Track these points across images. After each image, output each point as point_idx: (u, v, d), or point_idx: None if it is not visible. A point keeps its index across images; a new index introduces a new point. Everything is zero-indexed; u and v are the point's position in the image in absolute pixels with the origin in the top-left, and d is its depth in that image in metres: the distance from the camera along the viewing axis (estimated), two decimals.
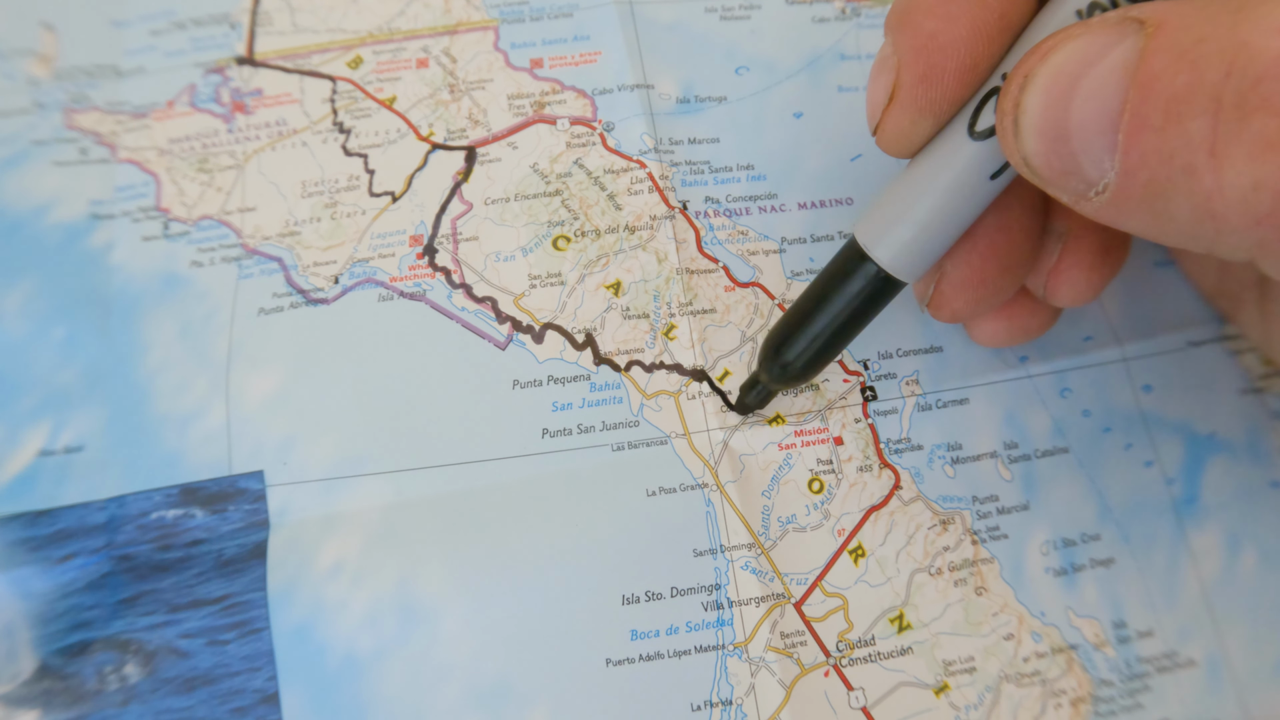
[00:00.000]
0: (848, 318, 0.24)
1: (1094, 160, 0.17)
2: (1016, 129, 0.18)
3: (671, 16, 0.33)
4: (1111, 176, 0.17)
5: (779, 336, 0.25)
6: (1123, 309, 0.30)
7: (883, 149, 0.23)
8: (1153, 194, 0.17)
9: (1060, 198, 0.19)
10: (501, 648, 0.25)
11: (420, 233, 0.29)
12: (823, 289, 0.24)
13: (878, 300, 0.24)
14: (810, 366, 0.25)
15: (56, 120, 0.30)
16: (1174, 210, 0.17)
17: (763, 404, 0.27)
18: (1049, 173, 0.18)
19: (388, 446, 0.26)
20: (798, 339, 0.24)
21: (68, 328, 0.28)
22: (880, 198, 0.23)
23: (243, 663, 0.24)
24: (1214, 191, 0.16)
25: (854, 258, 0.23)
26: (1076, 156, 0.18)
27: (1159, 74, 0.16)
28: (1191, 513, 0.28)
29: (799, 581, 0.26)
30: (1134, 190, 0.17)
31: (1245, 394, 0.30)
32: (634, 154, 0.30)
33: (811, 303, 0.24)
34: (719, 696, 0.25)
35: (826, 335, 0.24)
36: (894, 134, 0.22)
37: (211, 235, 0.29)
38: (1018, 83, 0.18)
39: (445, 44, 0.32)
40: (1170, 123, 0.16)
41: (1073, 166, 0.18)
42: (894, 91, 0.21)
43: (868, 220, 0.23)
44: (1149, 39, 0.16)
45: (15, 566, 0.25)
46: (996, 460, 0.28)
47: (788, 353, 0.25)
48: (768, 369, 0.25)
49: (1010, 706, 0.26)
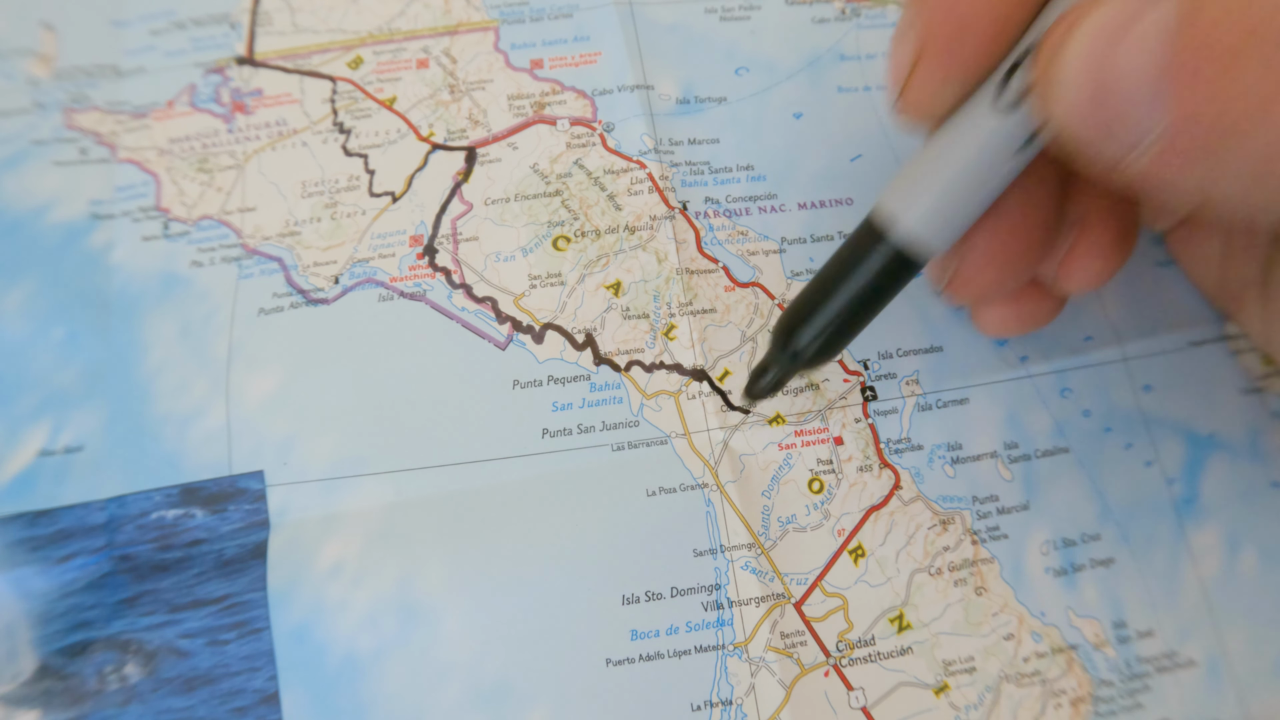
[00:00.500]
0: (864, 300, 0.23)
1: (1143, 111, 0.17)
2: (1055, 90, 0.18)
3: (671, 17, 0.33)
4: (1161, 129, 0.17)
5: (792, 320, 0.24)
6: (1123, 309, 0.30)
7: (904, 118, 0.22)
8: (1214, 139, 0.16)
9: (1095, 165, 0.18)
10: (501, 648, 0.25)
11: (420, 233, 0.29)
12: (838, 270, 0.23)
13: (896, 281, 0.23)
14: (824, 351, 0.24)
15: (56, 120, 0.30)
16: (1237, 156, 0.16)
17: (773, 391, 0.26)
18: (1090, 133, 0.18)
19: (388, 446, 0.26)
20: (811, 322, 0.24)
21: (68, 327, 0.28)
22: (898, 176, 0.22)
23: (243, 663, 0.24)
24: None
25: (871, 236, 0.23)
26: (1122, 111, 0.17)
27: (1216, 14, 0.16)
28: (1192, 512, 0.28)
29: (799, 581, 0.26)
30: (1191, 138, 0.16)
31: (1246, 394, 0.30)
32: (634, 154, 0.30)
33: (826, 284, 0.23)
34: (719, 696, 0.25)
35: (842, 318, 0.23)
36: (918, 99, 0.21)
37: (212, 235, 0.29)
38: (1055, 40, 0.18)
39: (445, 44, 0.32)
40: (1236, 62, 0.15)
41: (1117, 123, 0.17)
42: (919, 55, 0.20)
43: (886, 198, 0.22)
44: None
45: (15, 566, 0.25)
46: (996, 460, 0.28)
47: (801, 337, 0.24)
48: (779, 354, 0.24)
49: (1010, 706, 0.26)
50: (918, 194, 0.22)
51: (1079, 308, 0.30)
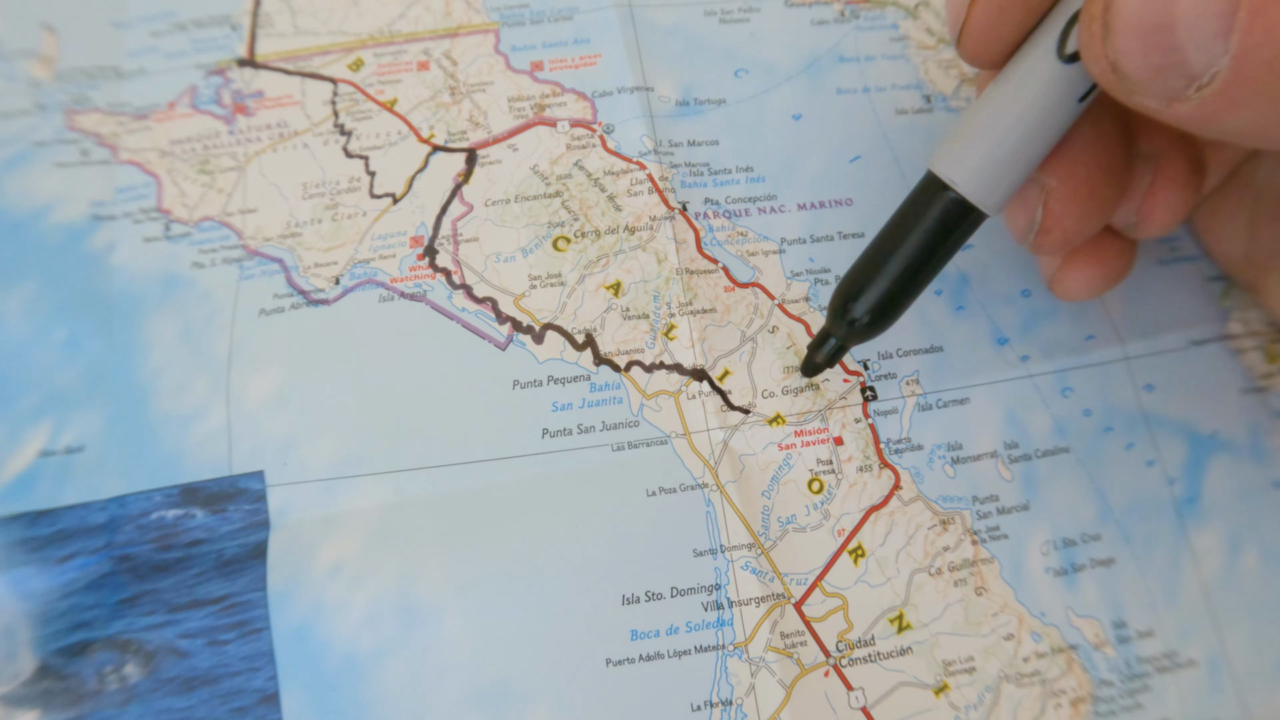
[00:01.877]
0: (925, 257, 0.23)
1: (1203, 47, 0.17)
2: (1107, 31, 0.18)
3: (671, 20, 0.33)
4: (1225, 62, 0.16)
5: (852, 283, 0.24)
6: (1125, 308, 0.30)
7: (965, 56, 0.22)
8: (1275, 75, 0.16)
9: (1146, 104, 0.18)
10: (501, 648, 0.25)
11: (421, 234, 0.29)
12: (898, 226, 0.23)
13: (957, 234, 0.23)
14: (885, 313, 0.23)
15: (58, 121, 0.30)
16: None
17: (832, 362, 0.26)
18: (1143, 72, 0.18)
19: (388, 446, 0.26)
20: (873, 284, 0.23)
21: (69, 328, 0.28)
22: (957, 127, 0.22)
23: (243, 663, 0.24)
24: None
25: (931, 188, 0.22)
26: (1182, 46, 0.17)
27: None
28: (1193, 512, 0.28)
29: (799, 581, 0.26)
30: (1252, 74, 0.16)
31: (1247, 393, 0.30)
32: (634, 155, 0.30)
33: (885, 244, 0.23)
34: (719, 696, 0.25)
35: (903, 278, 0.23)
36: (980, 30, 0.21)
37: (213, 236, 0.29)
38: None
39: (446, 47, 0.32)
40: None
41: (1175, 59, 0.17)
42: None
43: (944, 148, 0.22)
44: None
45: (15, 566, 0.25)
46: (997, 460, 0.28)
47: (864, 300, 0.23)
48: (839, 320, 0.24)
49: (1010, 706, 0.26)
50: (978, 145, 0.21)
51: (1080, 306, 0.30)
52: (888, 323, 0.24)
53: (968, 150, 0.21)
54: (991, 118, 0.21)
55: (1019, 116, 0.21)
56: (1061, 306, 0.30)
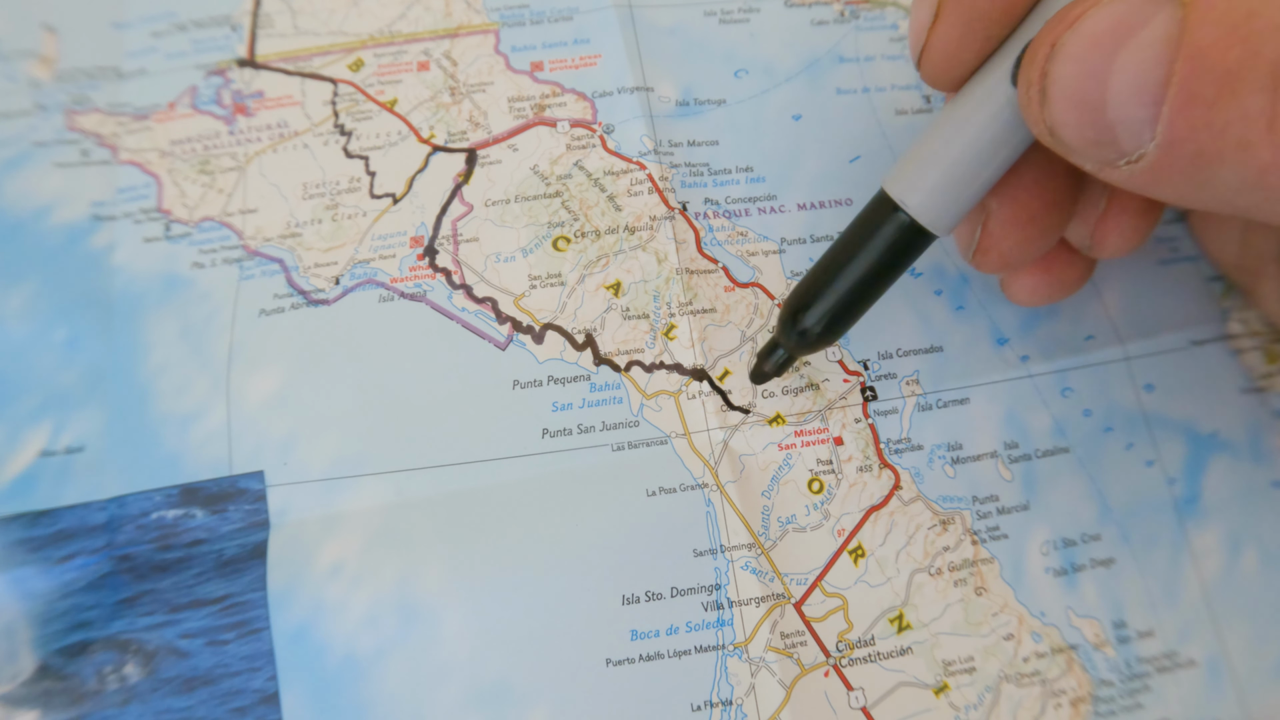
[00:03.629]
0: (874, 274, 0.23)
1: (1132, 131, 0.17)
2: (1044, 98, 0.18)
3: (671, 20, 0.33)
4: (1150, 147, 0.17)
5: (800, 296, 0.24)
6: (1125, 308, 0.30)
7: (927, 78, 0.22)
8: (1198, 165, 0.17)
9: (1082, 165, 0.19)
10: (501, 648, 0.25)
11: (421, 234, 0.29)
12: (847, 244, 0.23)
13: (907, 254, 0.23)
14: (833, 328, 0.24)
15: (58, 122, 0.30)
16: (1217, 180, 0.17)
17: (780, 372, 0.26)
18: (1079, 142, 0.18)
19: (388, 446, 0.26)
20: (821, 298, 0.23)
21: (69, 329, 0.28)
22: (911, 149, 0.22)
23: (243, 663, 0.24)
24: (1271, 165, 0.16)
25: (882, 208, 0.22)
26: (1113, 127, 0.17)
27: (1208, 47, 0.16)
28: (1193, 512, 0.28)
29: (799, 581, 0.26)
30: (1176, 161, 0.17)
31: (1247, 393, 0.30)
32: (634, 156, 0.30)
33: (835, 259, 0.23)
34: (719, 696, 0.25)
35: (852, 294, 0.23)
36: (941, 55, 0.21)
37: (213, 236, 0.29)
38: (1044, 50, 0.18)
39: (446, 47, 0.32)
40: (1223, 97, 0.16)
41: (1106, 136, 0.18)
42: (937, 13, 0.20)
43: (898, 170, 0.22)
44: (1189, 9, 0.16)
45: (15, 566, 0.25)
46: (997, 460, 0.28)
47: (811, 313, 0.24)
48: (788, 332, 0.24)
49: (1010, 707, 0.26)
50: (931, 167, 0.21)
51: (1080, 307, 0.30)
52: (834, 336, 0.24)
53: (921, 174, 0.22)
54: (945, 142, 0.21)
55: (971, 142, 0.21)
56: (1061, 306, 0.30)
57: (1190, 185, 0.17)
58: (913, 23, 0.22)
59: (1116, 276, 0.30)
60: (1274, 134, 0.15)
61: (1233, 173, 0.16)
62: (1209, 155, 0.16)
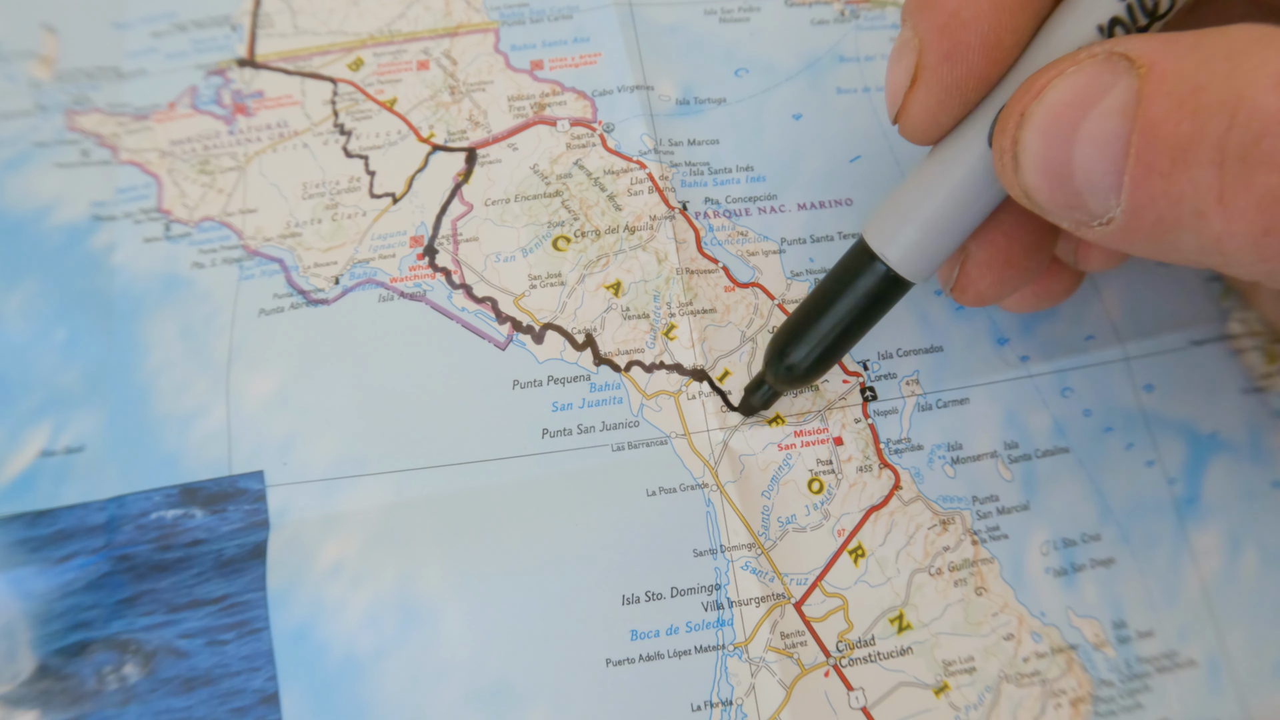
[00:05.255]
0: (855, 319, 0.24)
1: (1099, 198, 0.18)
2: (1016, 165, 0.19)
3: (671, 19, 0.33)
4: (1117, 213, 0.18)
5: (784, 337, 0.25)
6: (1124, 308, 0.30)
7: (905, 135, 0.22)
8: (1161, 231, 0.17)
9: (1061, 224, 0.19)
10: (501, 648, 0.25)
11: (421, 234, 0.29)
12: (829, 289, 0.24)
13: (886, 301, 0.24)
14: (815, 368, 0.25)
15: (58, 122, 0.30)
16: (1181, 244, 0.17)
17: (767, 405, 0.27)
18: (1052, 205, 0.19)
19: (388, 446, 0.26)
20: (803, 340, 0.24)
21: (69, 329, 0.28)
22: (890, 198, 0.23)
23: (242, 663, 0.24)
24: (1224, 234, 0.16)
25: (862, 257, 0.23)
26: (1080, 193, 0.18)
27: (1160, 121, 0.16)
28: (1193, 512, 0.28)
29: (799, 582, 0.26)
30: (1142, 226, 0.17)
31: (1247, 393, 0.30)
32: (634, 155, 0.30)
33: (818, 303, 0.24)
34: (719, 697, 0.25)
35: (833, 336, 0.24)
36: (919, 118, 0.21)
37: (213, 236, 0.29)
38: (1014, 120, 0.19)
39: (446, 46, 0.32)
40: (1177, 169, 0.16)
41: (1076, 202, 0.18)
42: (917, 73, 0.21)
43: (877, 220, 0.23)
44: (1144, 81, 0.17)
45: (15, 566, 0.25)
46: (997, 460, 0.28)
47: (793, 354, 0.25)
48: (773, 370, 0.25)
49: (1010, 707, 0.26)
50: (910, 220, 0.22)
51: (1080, 307, 0.30)
52: (817, 375, 0.25)
53: (900, 228, 0.22)
54: (923, 196, 0.22)
55: (949, 198, 0.21)
56: (1061, 307, 0.30)
57: (1159, 247, 0.18)
58: (888, 83, 0.22)
59: (1116, 277, 0.30)
60: (1224, 206, 0.16)
61: (1192, 239, 0.17)
62: (1169, 222, 0.17)
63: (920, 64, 0.21)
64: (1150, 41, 0.17)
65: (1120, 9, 0.19)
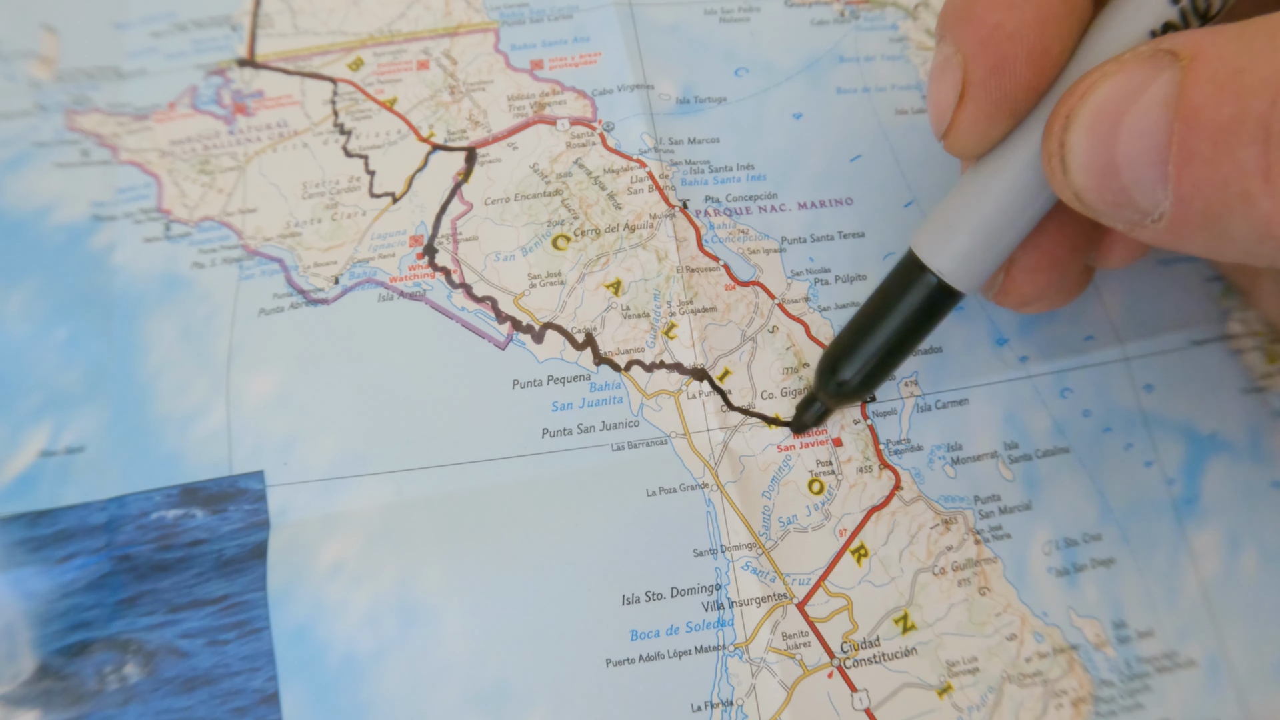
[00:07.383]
0: (906, 332, 0.24)
1: (1147, 192, 0.18)
2: (1065, 167, 0.19)
3: (671, 18, 0.33)
4: (1166, 206, 0.17)
5: (837, 353, 0.25)
6: (1124, 308, 0.30)
7: (954, 151, 0.22)
8: (1210, 219, 0.17)
9: (1115, 226, 0.19)
10: (501, 648, 0.25)
11: (420, 233, 0.29)
12: (880, 303, 0.24)
13: (936, 313, 0.24)
14: (867, 383, 0.25)
15: (58, 122, 0.30)
16: (1233, 232, 0.17)
17: (819, 422, 0.27)
18: (1102, 205, 0.19)
19: (388, 446, 0.26)
20: (855, 356, 0.25)
21: (69, 329, 0.28)
22: (937, 210, 0.23)
23: (243, 663, 0.24)
24: (1272, 213, 0.16)
25: (913, 270, 0.23)
26: (1128, 190, 0.18)
27: (1202, 105, 0.16)
28: (1192, 513, 0.28)
29: (801, 582, 0.26)
30: (1191, 217, 0.17)
31: (1247, 393, 0.30)
32: (634, 153, 0.30)
33: (868, 317, 0.24)
34: (719, 697, 0.25)
35: (884, 351, 0.24)
36: (969, 133, 0.21)
37: (213, 236, 0.29)
38: (1060, 123, 0.19)
39: (446, 46, 0.32)
40: (1220, 152, 0.16)
41: (1125, 199, 0.18)
42: (963, 89, 0.21)
43: (926, 232, 0.23)
44: (1186, 71, 0.17)
45: (15, 566, 0.25)
46: (997, 460, 0.28)
47: (845, 370, 0.25)
48: (825, 386, 0.26)
49: (1012, 707, 0.26)
50: (960, 230, 0.22)
51: (1080, 307, 0.30)
52: (871, 389, 0.26)
53: (950, 240, 0.22)
54: (972, 207, 0.22)
55: (999, 208, 0.21)
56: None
57: (1210, 239, 0.18)
58: (934, 101, 0.22)
59: (1116, 277, 0.30)
60: (1270, 184, 0.16)
61: (1242, 224, 0.17)
62: (1217, 209, 0.17)
63: (967, 79, 0.20)
64: (1194, 35, 0.17)
65: (1173, 13, 0.19)
